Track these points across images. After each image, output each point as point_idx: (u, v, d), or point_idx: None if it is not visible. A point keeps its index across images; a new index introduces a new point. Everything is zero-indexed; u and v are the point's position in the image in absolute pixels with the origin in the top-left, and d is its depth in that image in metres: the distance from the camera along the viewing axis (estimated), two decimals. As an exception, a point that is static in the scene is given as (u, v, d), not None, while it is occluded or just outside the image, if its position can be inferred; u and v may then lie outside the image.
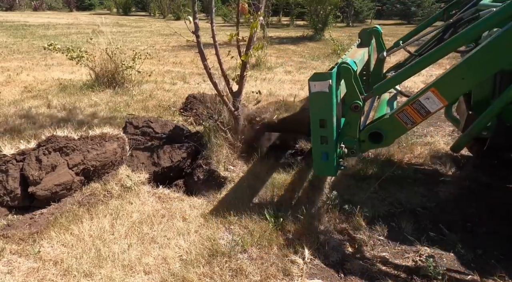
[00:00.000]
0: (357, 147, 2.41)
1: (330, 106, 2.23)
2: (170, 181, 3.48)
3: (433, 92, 2.12)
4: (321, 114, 2.28)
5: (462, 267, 2.21)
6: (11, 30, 16.15)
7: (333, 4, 12.60)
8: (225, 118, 3.78)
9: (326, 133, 2.30)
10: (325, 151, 2.35)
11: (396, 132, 2.34)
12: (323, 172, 2.53)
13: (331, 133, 2.30)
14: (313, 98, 2.26)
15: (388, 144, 2.41)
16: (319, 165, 2.41)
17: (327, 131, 2.29)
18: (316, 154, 2.40)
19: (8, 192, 2.73)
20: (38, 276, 2.12)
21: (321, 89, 2.20)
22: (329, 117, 2.26)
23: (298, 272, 2.18)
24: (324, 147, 2.34)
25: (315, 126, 2.32)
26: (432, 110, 2.16)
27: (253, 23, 3.07)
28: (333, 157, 2.34)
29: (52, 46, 5.67)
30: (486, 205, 2.81)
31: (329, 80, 2.17)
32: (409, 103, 2.20)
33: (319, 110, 2.28)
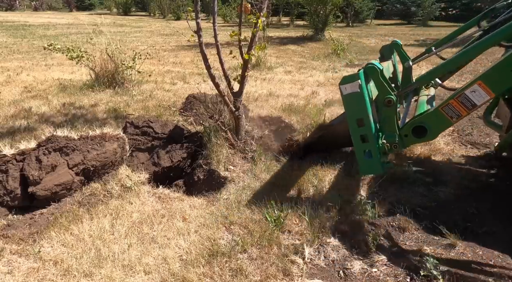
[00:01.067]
0: (400, 141, 2.44)
1: (364, 105, 2.31)
2: (170, 181, 3.48)
3: (479, 85, 2.13)
4: (357, 114, 2.35)
5: (462, 267, 2.21)
6: (11, 30, 16.15)
7: (334, 4, 12.60)
8: (226, 118, 3.78)
9: (365, 131, 2.37)
10: (368, 149, 2.41)
11: (441, 126, 2.36)
12: (369, 170, 2.59)
13: (370, 131, 2.35)
14: (346, 100, 2.35)
15: (432, 138, 2.43)
16: (364, 164, 2.46)
17: (366, 129, 2.36)
18: (359, 154, 2.45)
19: (8, 192, 2.73)
20: (38, 276, 2.12)
21: (352, 90, 2.30)
22: (365, 116, 2.33)
23: (298, 272, 2.18)
24: (366, 145, 2.40)
25: (353, 127, 2.39)
26: (478, 103, 2.17)
27: (256, 23, 3.07)
28: (376, 154, 2.39)
29: (52, 46, 5.67)
30: (486, 205, 2.81)
31: (358, 80, 2.26)
32: (455, 96, 2.22)
33: (354, 111, 2.36)
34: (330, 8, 12.90)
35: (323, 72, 7.80)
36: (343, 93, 2.35)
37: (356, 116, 2.36)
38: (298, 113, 4.73)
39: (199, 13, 3.22)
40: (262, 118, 4.54)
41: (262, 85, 6.47)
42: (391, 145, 2.46)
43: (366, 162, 2.45)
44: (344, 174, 3.29)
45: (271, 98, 5.55)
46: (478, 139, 4.07)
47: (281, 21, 23.11)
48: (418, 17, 20.63)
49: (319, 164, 3.42)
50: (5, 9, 35.36)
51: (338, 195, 2.89)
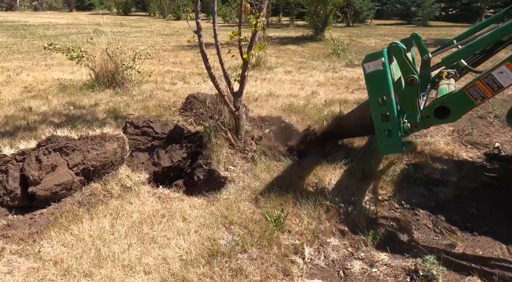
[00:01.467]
0: (421, 121, 2.43)
1: (386, 83, 2.31)
2: (170, 181, 3.48)
3: (507, 66, 2.12)
4: (379, 92, 2.35)
5: (462, 267, 2.21)
6: (11, 30, 16.15)
7: (334, 4, 12.60)
8: (226, 119, 3.78)
9: (386, 110, 2.37)
10: (388, 128, 2.40)
11: (464, 107, 2.35)
12: (389, 150, 2.57)
13: (391, 110, 2.35)
14: (369, 79, 2.36)
15: (454, 119, 2.42)
16: (384, 143, 2.46)
17: (388, 108, 2.35)
18: (380, 133, 2.45)
19: (8, 192, 2.73)
20: (38, 276, 2.12)
21: (376, 68, 2.31)
22: (388, 94, 2.32)
23: (298, 272, 2.18)
24: (387, 124, 2.40)
25: (375, 106, 2.40)
26: (505, 85, 2.16)
27: (255, 23, 3.07)
28: (397, 133, 2.38)
29: (52, 46, 5.67)
30: (486, 205, 2.81)
31: (381, 58, 2.27)
32: (481, 78, 2.20)
33: (376, 89, 2.36)
34: (330, 8, 12.89)
35: (323, 72, 7.80)
36: (366, 72, 2.35)
37: (378, 95, 2.36)
38: (298, 113, 4.73)
39: (199, 13, 3.22)
40: (262, 118, 4.53)
41: (262, 85, 6.47)
42: (412, 125, 2.45)
43: (386, 141, 2.44)
44: (344, 174, 3.29)
45: (271, 98, 5.55)
46: (478, 139, 4.07)
47: (281, 21, 23.11)
48: (418, 17, 20.63)
49: (319, 164, 3.42)
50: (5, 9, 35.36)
51: (338, 194, 2.88)
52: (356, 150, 3.75)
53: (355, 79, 6.99)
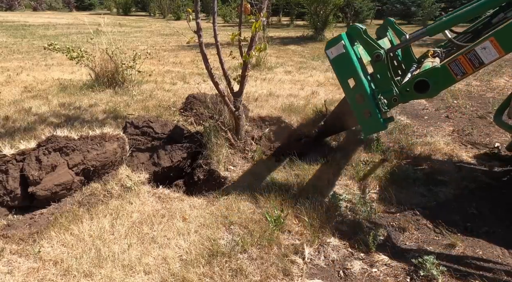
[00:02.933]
0: (399, 95, 2.43)
1: (352, 64, 2.33)
2: (170, 181, 3.48)
3: (491, 42, 2.11)
4: (348, 74, 2.37)
5: (462, 267, 2.21)
6: (11, 30, 16.14)
7: (335, 4, 12.60)
8: (226, 119, 3.78)
9: (359, 90, 2.37)
10: (365, 108, 2.40)
11: (444, 82, 2.34)
12: (371, 129, 2.56)
13: (364, 89, 2.36)
14: (334, 64, 2.39)
15: (433, 94, 2.41)
16: (365, 124, 2.47)
17: (359, 88, 2.36)
18: (358, 115, 2.45)
19: (8, 192, 2.73)
20: (38, 276, 2.12)
21: (338, 52, 2.35)
22: (356, 74, 2.34)
23: (298, 272, 2.18)
24: (363, 104, 2.40)
25: (347, 89, 2.42)
26: (486, 61, 2.14)
27: (255, 23, 3.07)
28: (375, 111, 2.38)
29: (52, 46, 5.67)
30: (486, 205, 2.81)
31: (341, 41, 2.31)
32: (464, 53, 2.18)
33: (344, 72, 2.39)
34: (331, 8, 12.89)
35: (323, 72, 7.80)
36: (330, 58, 2.38)
37: (347, 77, 2.39)
38: (298, 113, 4.73)
39: (199, 13, 3.22)
40: (262, 118, 4.53)
41: (262, 85, 6.47)
42: (390, 99, 2.45)
43: (367, 122, 2.45)
44: (344, 174, 3.29)
45: (271, 98, 5.55)
46: (478, 139, 4.07)
47: (281, 21, 23.10)
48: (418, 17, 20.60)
49: (319, 164, 3.42)
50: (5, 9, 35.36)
51: (338, 194, 2.88)
52: (356, 151, 3.75)
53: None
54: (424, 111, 5.15)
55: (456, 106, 5.25)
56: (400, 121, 4.63)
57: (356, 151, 3.72)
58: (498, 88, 6.22)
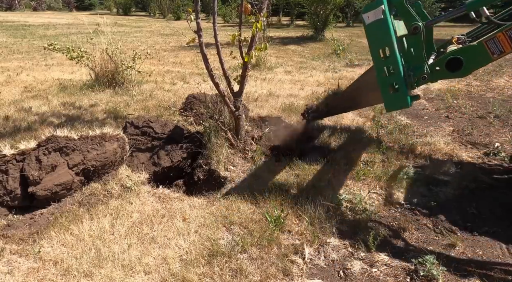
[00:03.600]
0: (429, 73, 2.28)
1: (388, 32, 2.16)
2: (170, 181, 3.48)
3: None
4: (381, 43, 2.21)
5: (462, 267, 2.21)
6: (11, 30, 16.14)
7: (335, 4, 12.59)
8: (226, 119, 3.78)
9: (390, 62, 2.22)
10: (393, 82, 2.25)
11: (479, 61, 2.20)
12: (395, 105, 2.41)
13: (395, 61, 2.21)
14: (369, 30, 2.22)
15: (465, 74, 2.26)
16: (389, 99, 2.32)
17: (391, 60, 2.21)
18: (384, 88, 2.30)
19: (8, 192, 2.73)
20: (38, 276, 2.12)
21: (376, 17, 2.17)
22: (390, 45, 2.18)
23: (298, 272, 2.18)
24: (391, 78, 2.24)
25: (377, 59, 2.25)
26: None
27: (256, 23, 3.07)
28: (403, 87, 2.24)
29: (52, 46, 5.67)
30: (486, 205, 2.81)
31: (381, 5, 2.13)
32: (504, 29, 2.08)
33: (378, 41, 2.22)
34: (331, 8, 12.89)
35: (323, 72, 7.80)
36: (366, 23, 2.21)
37: (380, 46, 2.22)
38: (298, 113, 4.72)
39: (199, 13, 3.22)
40: (262, 118, 4.54)
41: (262, 85, 6.47)
42: (420, 77, 2.28)
43: (392, 97, 2.30)
44: (344, 174, 3.29)
45: (271, 98, 5.55)
46: (478, 139, 4.08)
47: (281, 21, 23.09)
48: (418, 17, 20.59)
49: (319, 164, 3.42)
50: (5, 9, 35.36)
51: (338, 194, 2.88)
52: (356, 151, 3.75)
53: (355, 79, 6.98)
54: (424, 111, 5.15)
55: (456, 106, 5.25)
56: (400, 121, 4.63)
57: (356, 151, 3.71)
58: (498, 88, 6.22)
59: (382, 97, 2.37)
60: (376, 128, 4.30)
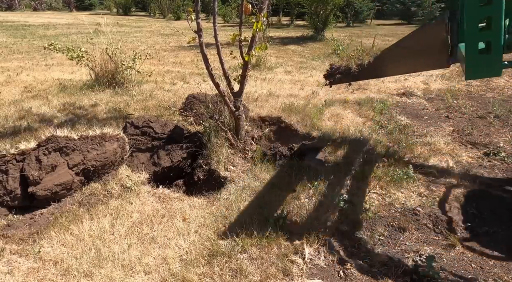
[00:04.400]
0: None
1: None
2: (170, 181, 3.48)
3: None
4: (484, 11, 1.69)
5: (462, 267, 2.21)
6: (11, 30, 16.14)
7: (335, 4, 12.60)
8: (226, 119, 3.78)
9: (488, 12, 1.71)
10: (486, 39, 1.76)
11: None
12: (482, 71, 1.86)
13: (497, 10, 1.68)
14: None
15: None
16: (476, 61, 1.80)
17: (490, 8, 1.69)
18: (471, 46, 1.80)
19: (8, 192, 2.73)
20: (38, 276, 2.12)
21: None
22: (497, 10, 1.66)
23: (298, 272, 2.18)
24: (485, 33, 1.74)
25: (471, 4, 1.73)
26: None
27: (256, 23, 3.07)
28: (499, 47, 1.74)
29: (52, 46, 5.66)
30: (486, 205, 2.81)
31: None
32: None
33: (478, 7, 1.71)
34: (331, 8, 12.89)
35: (323, 72, 7.77)
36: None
37: (481, 15, 1.73)
38: (298, 113, 4.73)
39: (199, 13, 3.22)
40: (262, 118, 4.54)
41: (262, 85, 6.47)
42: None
43: (480, 59, 1.79)
44: (344, 174, 3.29)
45: (271, 98, 5.55)
46: (478, 139, 4.08)
47: (281, 21, 23.09)
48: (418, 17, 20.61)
49: (319, 164, 3.42)
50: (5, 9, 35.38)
51: (338, 194, 2.88)
52: (356, 151, 3.75)
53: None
54: (424, 111, 5.15)
55: (456, 106, 5.25)
56: (400, 121, 4.63)
57: (356, 151, 3.71)
58: (498, 88, 6.22)
59: (466, 59, 1.85)
60: (376, 128, 4.30)
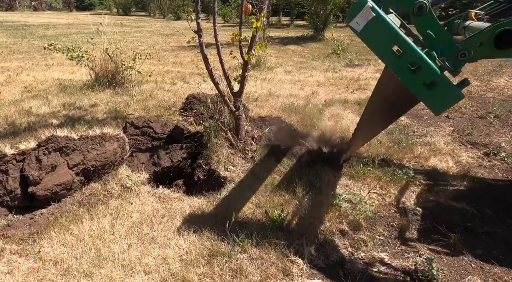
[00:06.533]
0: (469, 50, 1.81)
1: (390, 26, 1.79)
2: (170, 181, 3.48)
3: None
4: (389, 42, 1.82)
5: (462, 267, 2.21)
6: (11, 30, 16.14)
7: (335, 4, 12.61)
8: (226, 119, 3.78)
9: (410, 57, 1.81)
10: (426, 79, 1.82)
11: None
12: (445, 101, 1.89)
13: (416, 53, 1.79)
14: (365, 36, 1.84)
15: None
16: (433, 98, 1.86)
17: (410, 54, 1.80)
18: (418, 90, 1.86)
19: (8, 192, 2.73)
20: (38, 276, 2.12)
21: (366, 19, 1.81)
22: (399, 38, 1.79)
23: (298, 272, 2.18)
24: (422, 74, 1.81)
25: (393, 61, 1.85)
26: None
27: (256, 23, 3.07)
28: (442, 77, 1.79)
29: (52, 46, 5.66)
30: (486, 205, 2.81)
31: (366, 3, 1.80)
32: None
33: (384, 42, 1.84)
34: (331, 8, 12.90)
35: (323, 72, 7.80)
36: (358, 30, 1.84)
37: (389, 46, 1.82)
38: (298, 113, 4.73)
39: (199, 13, 3.22)
40: (262, 118, 4.53)
41: (262, 85, 6.47)
42: (456, 56, 1.82)
43: (434, 95, 1.83)
44: (344, 174, 3.29)
45: (271, 98, 5.55)
46: (478, 139, 4.08)
47: (281, 21, 23.10)
48: (418, 17, 20.61)
49: (319, 164, 3.41)
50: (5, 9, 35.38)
51: (338, 194, 2.88)
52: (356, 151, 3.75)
53: (355, 79, 6.99)
54: (424, 111, 5.15)
55: (456, 106, 5.25)
56: (400, 121, 4.63)
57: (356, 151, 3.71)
58: (498, 88, 6.22)
59: (424, 101, 1.94)
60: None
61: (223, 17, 22.36)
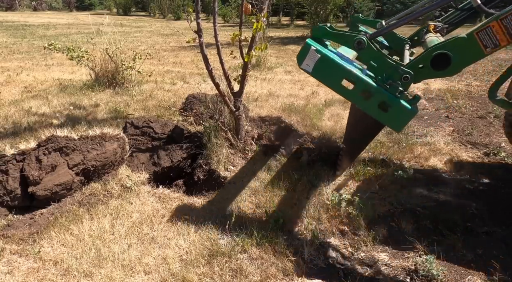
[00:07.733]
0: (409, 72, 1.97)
1: (335, 63, 1.99)
2: (170, 181, 3.47)
3: None
4: (337, 77, 2.01)
5: (462, 267, 2.21)
6: (11, 30, 16.14)
7: (335, 4, 12.62)
8: (226, 119, 3.78)
9: (360, 86, 1.98)
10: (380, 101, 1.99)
11: (470, 56, 1.91)
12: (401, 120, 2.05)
13: (364, 81, 1.98)
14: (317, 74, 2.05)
15: (453, 72, 1.96)
16: (390, 118, 2.02)
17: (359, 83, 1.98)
18: (375, 112, 2.03)
19: (8, 192, 2.73)
20: (38, 276, 2.12)
21: (314, 60, 2.01)
22: (345, 71, 1.99)
23: (298, 272, 2.18)
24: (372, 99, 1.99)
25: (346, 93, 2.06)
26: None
27: (256, 23, 3.07)
28: (393, 99, 1.96)
29: (52, 46, 5.67)
30: (486, 205, 2.81)
31: (311, 47, 2.00)
32: (499, 18, 1.78)
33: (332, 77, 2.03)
34: (331, 8, 12.91)
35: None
36: (310, 71, 2.05)
37: (339, 80, 2.02)
38: (298, 113, 4.73)
39: (199, 13, 3.22)
40: (262, 118, 4.53)
41: (262, 85, 6.47)
42: (401, 79, 1.98)
43: (390, 115, 1.99)
44: (345, 174, 3.29)
45: (271, 98, 5.55)
46: (478, 139, 4.08)
47: (281, 21, 23.10)
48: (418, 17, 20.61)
49: (319, 163, 3.42)
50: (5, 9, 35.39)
51: (338, 195, 2.88)
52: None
53: None
54: (424, 111, 5.15)
55: (456, 106, 5.25)
56: (400, 121, 4.63)
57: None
58: (498, 88, 6.21)
59: (384, 123, 2.13)
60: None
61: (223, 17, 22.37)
